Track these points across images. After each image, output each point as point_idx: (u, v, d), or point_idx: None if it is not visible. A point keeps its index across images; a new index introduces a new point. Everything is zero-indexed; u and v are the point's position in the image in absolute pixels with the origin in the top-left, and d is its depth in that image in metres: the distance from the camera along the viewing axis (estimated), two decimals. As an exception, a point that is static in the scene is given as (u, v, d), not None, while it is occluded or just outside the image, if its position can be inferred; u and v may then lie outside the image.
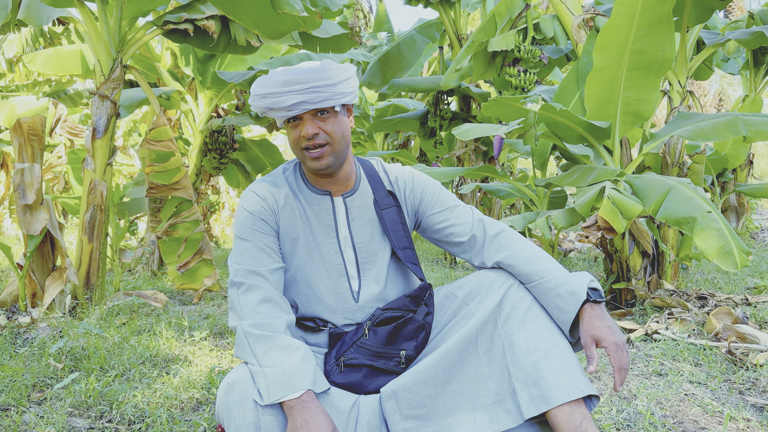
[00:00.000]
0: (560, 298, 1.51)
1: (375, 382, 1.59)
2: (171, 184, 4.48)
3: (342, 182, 1.69)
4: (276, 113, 1.57)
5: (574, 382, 1.42)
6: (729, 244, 2.87)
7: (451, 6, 6.54)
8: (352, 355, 1.59)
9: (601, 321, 1.47)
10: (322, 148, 1.57)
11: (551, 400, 1.40)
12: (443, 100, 7.18)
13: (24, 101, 7.42)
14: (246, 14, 3.94)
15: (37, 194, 3.76)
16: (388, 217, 1.70)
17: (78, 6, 4.04)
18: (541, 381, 1.43)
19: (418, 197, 1.75)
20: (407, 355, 1.61)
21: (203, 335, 3.24)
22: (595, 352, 1.46)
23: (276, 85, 1.53)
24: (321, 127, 1.57)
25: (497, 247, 1.65)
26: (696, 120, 3.70)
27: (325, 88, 1.53)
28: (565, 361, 1.46)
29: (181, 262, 4.53)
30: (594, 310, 1.49)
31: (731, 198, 8.21)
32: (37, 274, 3.87)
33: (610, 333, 1.45)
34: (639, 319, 3.58)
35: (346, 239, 1.68)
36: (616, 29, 3.41)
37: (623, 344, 1.45)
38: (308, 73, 1.53)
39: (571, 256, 7.15)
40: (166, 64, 7.18)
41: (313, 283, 1.65)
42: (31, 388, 2.47)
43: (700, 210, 2.99)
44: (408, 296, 1.65)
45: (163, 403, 2.29)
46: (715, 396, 2.32)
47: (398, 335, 1.61)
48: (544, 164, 5.02)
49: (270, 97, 1.55)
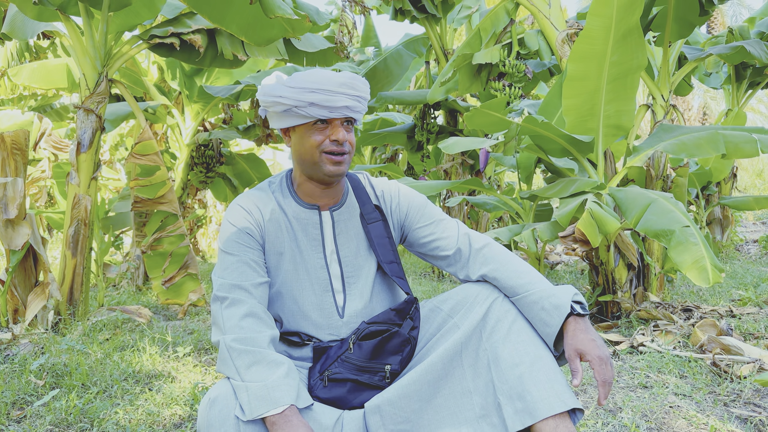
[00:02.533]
0: (544, 311, 1.51)
1: (359, 397, 1.57)
2: (156, 198, 4.46)
3: (334, 195, 1.69)
4: (314, 109, 1.54)
5: (558, 395, 1.42)
6: (704, 259, 2.90)
7: (437, 21, 6.59)
8: (336, 370, 1.57)
9: (585, 334, 1.48)
10: (344, 155, 1.59)
11: (536, 414, 1.40)
12: (430, 114, 7.21)
13: (8, 115, 7.37)
14: (233, 21, 3.96)
15: (19, 209, 3.72)
16: (375, 231, 1.70)
17: (63, 20, 4.03)
18: (525, 395, 1.42)
19: (404, 211, 1.75)
20: (392, 369, 1.59)
21: (187, 351, 3.21)
22: (580, 365, 1.45)
23: (333, 84, 1.53)
24: (346, 137, 1.59)
25: (482, 261, 1.66)
26: (678, 133, 3.74)
27: (363, 100, 1.60)
28: (550, 374, 1.45)
29: (166, 276, 4.49)
30: (578, 323, 1.50)
31: (716, 211, 8.29)
32: (20, 290, 3.82)
33: (595, 347, 1.45)
34: (625, 331, 3.59)
35: (332, 253, 1.67)
36: (593, 40, 3.45)
37: (608, 358, 1.45)
38: (359, 83, 1.58)
39: (558, 269, 7.17)
40: (153, 78, 7.17)
41: (298, 298, 1.63)
42: (10, 406, 2.43)
43: (679, 224, 3.02)
44: (393, 310, 1.64)
45: (145, 420, 2.26)
46: (700, 408, 2.32)
47: (383, 349, 1.60)
48: (530, 177, 5.05)
49: (322, 93, 1.53)
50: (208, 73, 6.64)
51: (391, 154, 10.41)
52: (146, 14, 4.37)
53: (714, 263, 2.90)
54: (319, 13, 4.80)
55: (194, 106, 6.72)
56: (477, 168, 6.80)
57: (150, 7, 4.31)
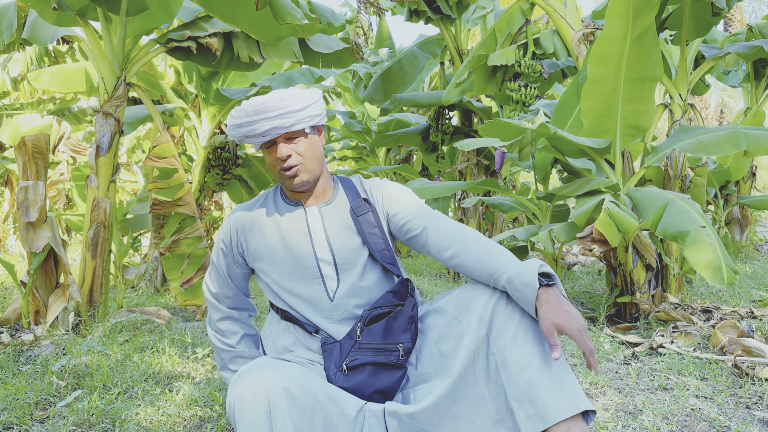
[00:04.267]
0: (517, 291, 1.53)
1: (380, 379, 1.64)
2: (174, 200, 4.49)
3: (318, 195, 1.84)
4: (252, 140, 1.73)
5: (569, 398, 1.43)
6: (719, 259, 2.89)
7: (452, 22, 6.58)
8: (353, 357, 1.66)
9: (558, 306, 1.47)
10: (295, 167, 1.73)
11: (548, 419, 1.41)
12: (444, 114, 7.20)
13: (28, 119, 7.47)
14: (244, 20, 4.06)
15: (40, 212, 3.77)
16: (365, 222, 1.82)
17: (82, 25, 4.08)
18: (536, 399, 1.44)
19: (387, 201, 1.86)
20: (405, 348, 1.68)
21: (206, 352, 3.23)
22: (557, 339, 1.46)
23: (248, 114, 1.69)
24: (294, 149, 1.73)
25: (451, 239, 1.72)
26: (697, 133, 3.71)
27: (292, 114, 1.69)
28: (559, 375, 1.46)
29: (184, 278, 4.53)
30: (549, 295, 1.50)
31: (735, 210, 8.19)
32: (41, 292, 3.86)
33: (571, 319, 1.45)
34: (644, 333, 3.56)
35: (322, 244, 1.78)
36: (611, 41, 3.44)
37: (584, 328, 1.47)
38: (276, 101, 1.69)
39: (574, 269, 7.13)
40: (170, 82, 7.22)
41: (292, 285, 1.77)
42: (33, 407, 2.46)
43: (695, 224, 3.00)
44: (390, 292, 1.74)
45: (166, 421, 2.28)
46: (722, 410, 2.30)
47: (392, 330, 1.69)
48: (546, 178, 5.02)
49: (245, 126, 1.70)
50: (224, 75, 6.67)
51: (405, 155, 10.41)
52: (163, 18, 4.40)
53: (729, 264, 2.88)
54: (334, 14, 4.81)
55: (210, 109, 6.77)
56: (492, 168, 6.78)
57: (166, 11, 4.35)
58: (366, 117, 9.98)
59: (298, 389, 1.44)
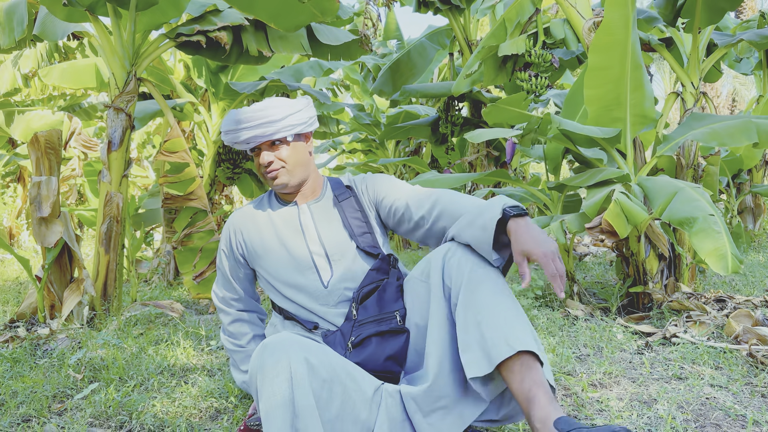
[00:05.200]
0: (478, 230, 1.59)
1: (388, 345, 1.73)
2: (186, 194, 4.51)
3: (308, 195, 1.99)
4: (239, 146, 1.87)
5: (507, 339, 1.48)
6: (725, 247, 2.90)
7: (461, 12, 6.55)
8: (356, 333, 1.75)
9: (526, 234, 1.49)
10: (277, 171, 1.87)
11: (492, 361, 1.48)
12: (454, 106, 7.17)
13: (39, 115, 7.51)
14: (262, 9, 4.04)
15: (52, 207, 3.80)
16: (347, 206, 1.95)
17: (92, 20, 4.09)
18: (483, 343, 1.51)
19: (372, 188, 1.99)
20: (401, 314, 1.78)
21: (220, 344, 3.25)
22: (527, 267, 1.49)
23: (232, 123, 1.84)
24: (277, 156, 1.87)
25: (430, 206, 1.82)
26: (709, 121, 3.68)
27: (271, 124, 1.82)
28: (507, 320, 1.52)
29: (196, 271, 4.56)
30: (518, 225, 1.53)
31: (747, 199, 8.12)
32: (56, 286, 3.90)
33: (536, 244, 1.46)
34: (657, 322, 3.55)
35: (313, 239, 1.91)
36: (612, 29, 3.43)
37: (553, 252, 1.47)
38: (255, 112, 1.82)
39: (586, 260, 7.10)
40: (179, 76, 7.24)
41: (290, 279, 1.89)
42: (51, 399, 2.49)
43: (703, 212, 3.01)
44: (373, 270, 1.85)
45: (182, 413, 2.30)
46: (737, 399, 2.29)
47: (384, 300, 1.79)
48: (557, 168, 5.00)
49: (230, 133, 1.85)
50: (234, 69, 6.68)
51: (415, 147, 10.38)
52: (172, 12, 4.41)
53: (735, 253, 2.89)
54: (342, 6, 4.80)
55: (220, 103, 6.78)
56: (502, 160, 6.76)
57: (176, 5, 4.36)
58: (375, 109, 9.97)
59: (317, 360, 1.48)
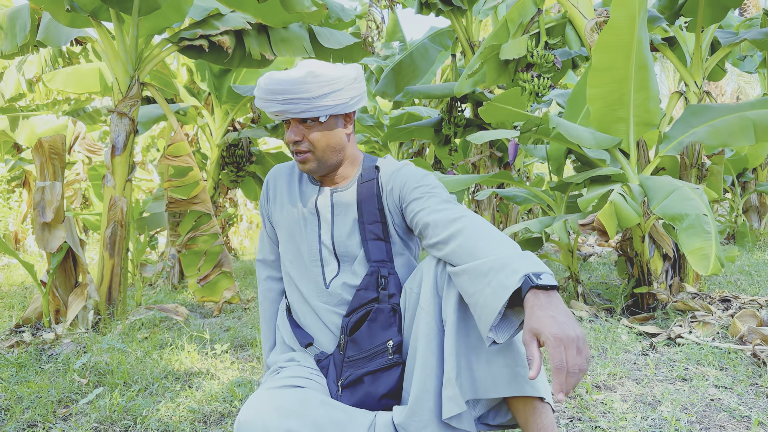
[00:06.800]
0: (489, 287, 1.28)
1: (381, 384, 1.56)
2: (190, 198, 4.53)
3: (337, 180, 1.73)
4: (270, 116, 1.63)
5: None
6: (710, 248, 2.92)
7: (463, 14, 6.55)
8: (347, 373, 1.58)
9: (543, 311, 1.17)
10: (304, 154, 1.63)
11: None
12: (457, 107, 7.17)
13: (44, 120, 7.55)
14: (251, 5, 4.13)
15: (56, 212, 3.82)
16: (367, 203, 1.68)
17: (95, 25, 4.11)
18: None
19: (398, 188, 1.66)
20: (394, 342, 1.56)
21: (224, 348, 3.26)
22: (536, 351, 1.17)
23: (261, 92, 1.59)
24: (305, 135, 1.61)
25: (447, 236, 1.48)
26: (707, 117, 3.68)
27: (304, 101, 1.55)
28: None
29: (201, 275, 4.57)
30: (538, 298, 1.20)
31: (752, 198, 8.10)
32: (60, 291, 3.92)
33: (552, 324, 1.15)
34: (661, 323, 3.54)
35: (326, 229, 1.69)
36: (618, 30, 3.41)
37: (569, 338, 1.13)
38: (287, 84, 1.55)
39: (591, 260, 7.09)
40: (183, 80, 7.27)
41: (296, 261, 1.72)
42: (56, 404, 2.50)
43: (696, 210, 3.01)
44: (360, 290, 1.61)
45: (186, 417, 2.30)
46: (742, 400, 2.28)
47: (375, 331, 1.58)
48: (560, 168, 4.99)
49: (259, 101, 1.61)
50: (236, 73, 6.70)
51: (418, 148, 10.39)
52: (174, 17, 4.43)
53: (719, 256, 2.90)
54: (344, 9, 4.82)
55: (223, 107, 6.80)
56: (506, 160, 6.75)
57: (178, 9, 4.38)
58: (378, 111, 9.97)
59: (300, 424, 1.36)
